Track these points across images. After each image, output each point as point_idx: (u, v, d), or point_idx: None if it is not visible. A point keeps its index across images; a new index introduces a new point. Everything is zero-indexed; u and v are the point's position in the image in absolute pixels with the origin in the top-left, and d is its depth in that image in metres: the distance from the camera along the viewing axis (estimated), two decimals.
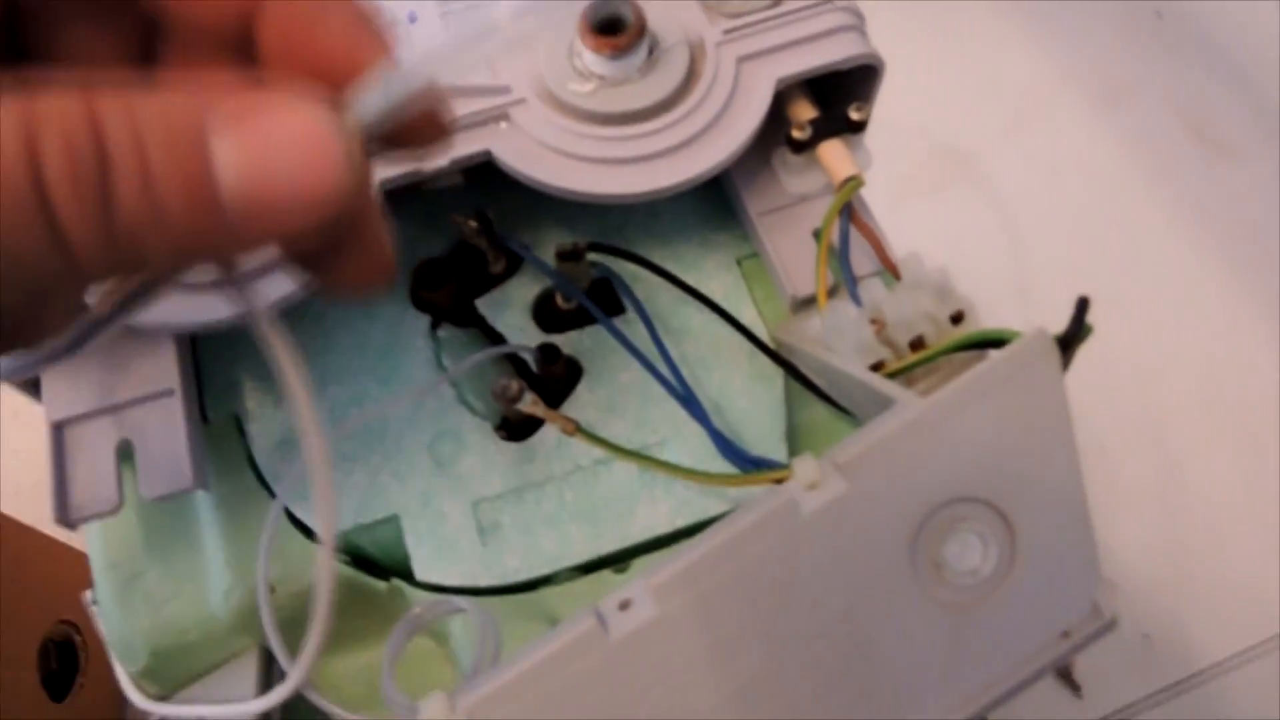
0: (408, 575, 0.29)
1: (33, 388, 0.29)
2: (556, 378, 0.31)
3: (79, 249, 0.13)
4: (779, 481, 0.24)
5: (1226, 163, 0.88)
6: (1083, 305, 0.22)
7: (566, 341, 0.32)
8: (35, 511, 0.65)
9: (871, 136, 0.32)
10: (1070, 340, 0.22)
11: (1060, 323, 0.22)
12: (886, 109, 0.33)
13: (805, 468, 0.22)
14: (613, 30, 0.29)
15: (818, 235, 0.32)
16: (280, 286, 0.27)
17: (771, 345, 0.31)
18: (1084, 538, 0.23)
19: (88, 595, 0.53)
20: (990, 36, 0.94)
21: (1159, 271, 0.84)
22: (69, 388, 0.28)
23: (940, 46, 0.92)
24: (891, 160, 0.29)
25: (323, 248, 0.16)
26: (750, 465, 0.25)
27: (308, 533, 0.30)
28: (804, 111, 0.31)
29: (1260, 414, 0.78)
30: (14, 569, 0.59)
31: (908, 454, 0.22)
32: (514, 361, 0.33)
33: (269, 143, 0.14)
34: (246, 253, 0.15)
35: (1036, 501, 0.22)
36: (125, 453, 0.28)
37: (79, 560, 0.65)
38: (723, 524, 0.22)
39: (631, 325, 0.31)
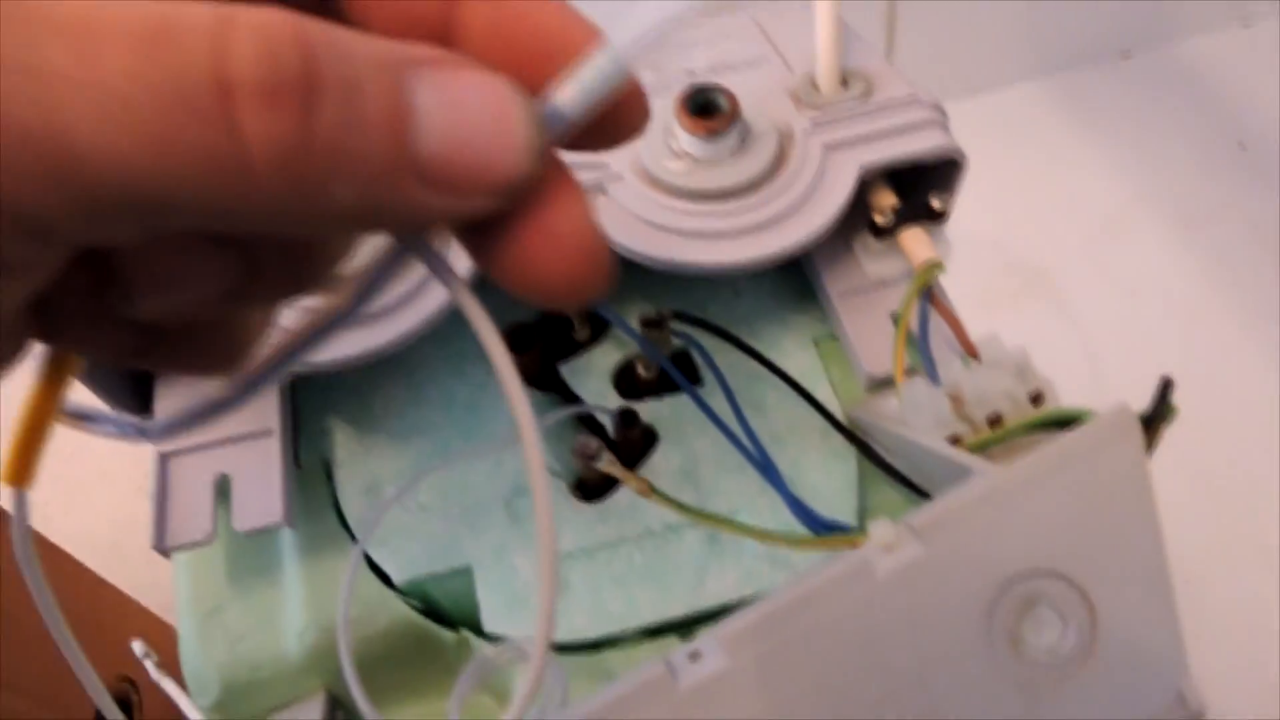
0: (476, 627, 0.30)
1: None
2: (633, 443, 0.32)
3: (260, 159, 0.12)
4: (854, 545, 0.24)
5: None
6: (1166, 386, 0.22)
7: (644, 409, 0.33)
8: (108, 564, 0.67)
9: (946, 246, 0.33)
10: (1153, 420, 0.22)
11: (1158, 448, 0.22)
12: (962, 221, 0.34)
13: (881, 530, 0.22)
14: (708, 113, 0.30)
15: (895, 319, 0.32)
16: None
17: (846, 425, 0.32)
18: (1169, 623, 0.22)
19: (138, 646, 0.53)
20: (1070, 156, 0.95)
21: (1241, 397, 0.82)
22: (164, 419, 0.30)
23: (1018, 163, 0.93)
24: (966, 273, 0.29)
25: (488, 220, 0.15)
26: (824, 529, 0.25)
27: (384, 578, 0.30)
28: (885, 199, 0.32)
29: None
30: (86, 620, 0.60)
31: (986, 522, 0.22)
32: (592, 425, 0.34)
33: (465, 106, 0.13)
34: (416, 218, 0.14)
35: (1118, 582, 0.22)
36: (221, 487, 0.30)
37: (141, 613, 0.66)
38: (796, 581, 0.22)
39: (709, 397, 0.32)
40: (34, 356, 0.16)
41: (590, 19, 0.15)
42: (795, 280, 0.35)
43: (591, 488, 0.31)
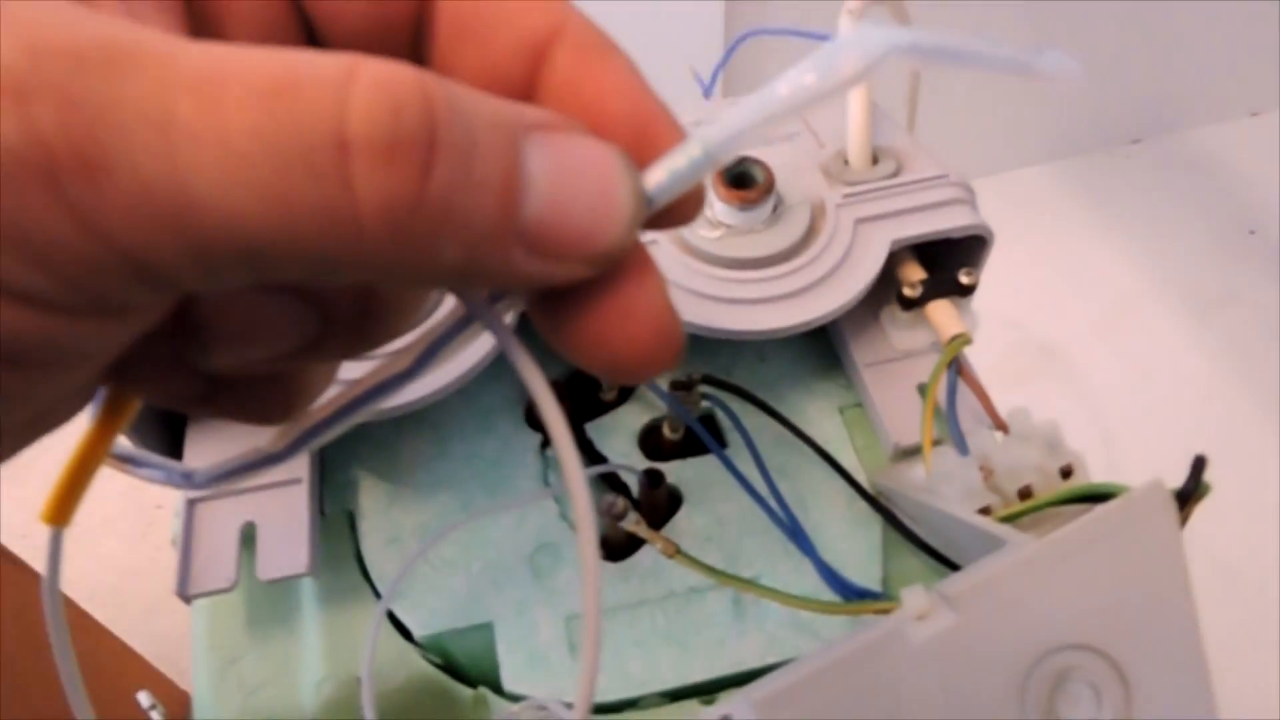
0: (495, 685, 0.29)
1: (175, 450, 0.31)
2: (658, 504, 0.32)
3: (372, 226, 0.12)
4: (885, 612, 0.24)
5: None
6: (1200, 463, 0.22)
7: (669, 471, 0.33)
8: (107, 613, 0.67)
9: None
10: (1187, 496, 0.22)
11: None
12: (976, 299, 0.34)
13: (915, 598, 0.22)
14: (743, 184, 0.31)
15: (921, 390, 0.33)
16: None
17: (871, 492, 0.32)
18: (1204, 700, 0.22)
19: (144, 697, 0.52)
20: (1082, 238, 0.97)
21: (1254, 480, 0.81)
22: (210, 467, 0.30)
23: (1032, 244, 0.95)
24: (980, 350, 0.30)
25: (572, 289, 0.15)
26: (854, 595, 0.25)
27: (404, 632, 0.30)
28: (914, 273, 0.32)
29: None
30: (86, 666, 0.60)
31: (1020, 593, 0.22)
32: (616, 485, 0.34)
33: (574, 172, 0.13)
34: (511, 280, 0.14)
35: (1153, 657, 0.22)
36: (246, 534, 0.30)
37: (140, 664, 0.65)
38: (828, 647, 0.22)
39: (735, 460, 0.32)
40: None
41: (666, 104, 0.15)
42: (820, 348, 0.36)
43: (615, 547, 0.31)
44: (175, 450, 0.31)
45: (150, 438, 0.31)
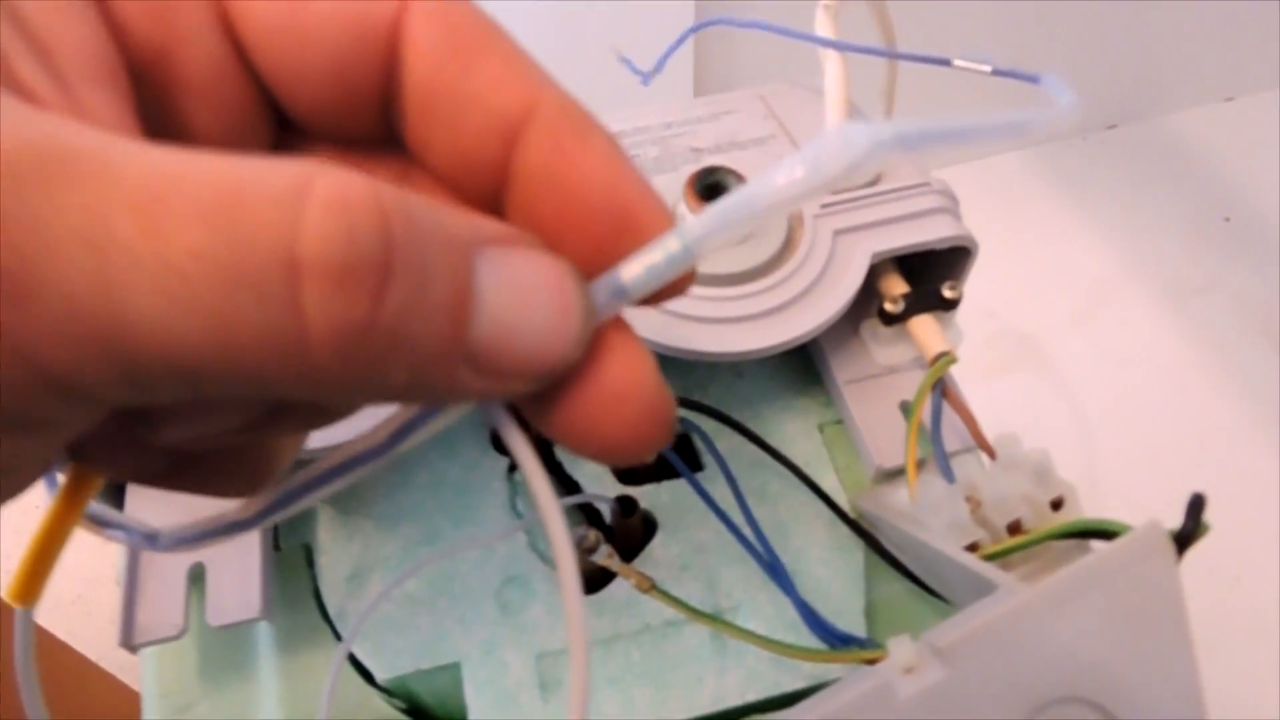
0: None
1: (116, 499, 0.29)
2: (631, 532, 0.31)
3: (319, 352, 0.11)
4: (870, 661, 0.22)
5: None
6: (1198, 504, 0.21)
7: (643, 495, 0.31)
8: (69, 626, 0.65)
9: None
10: (1187, 538, 0.21)
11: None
12: None
13: (902, 650, 0.21)
14: (716, 196, 0.30)
15: (904, 407, 0.32)
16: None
17: (852, 515, 0.31)
18: None
19: None
20: (1057, 226, 0.96)
21: (1230, 468, 0.81)
22: (152, 508, 0.28)
23: (1006, 233, 0.94)
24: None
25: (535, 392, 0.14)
26: (836, 640, 0.24)
27: (366, 675, 0.29)
28: (896, 286, 0.31)
29: None
30: (47, 686, 0.58)
31: (1012, 644, 0.20)
32: (588, 513, 0.32)
33: (524, 290, 0.13)
34: (454, 397, 0.13)
35: (1151, 710, 0.21)
36: (194, 575, 0.28)
37: (110, 684, 0.63)
38: (811, 703, 0.20)
39: (710, 484, 0.31)
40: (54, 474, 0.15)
41: (648, 186, 0.14)
42: (799, 363, 0.35)
43: (587, 580, 0.30)
44: (118, 496, 0.29)
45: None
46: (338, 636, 0.29)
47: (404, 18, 0.15)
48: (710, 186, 0.30)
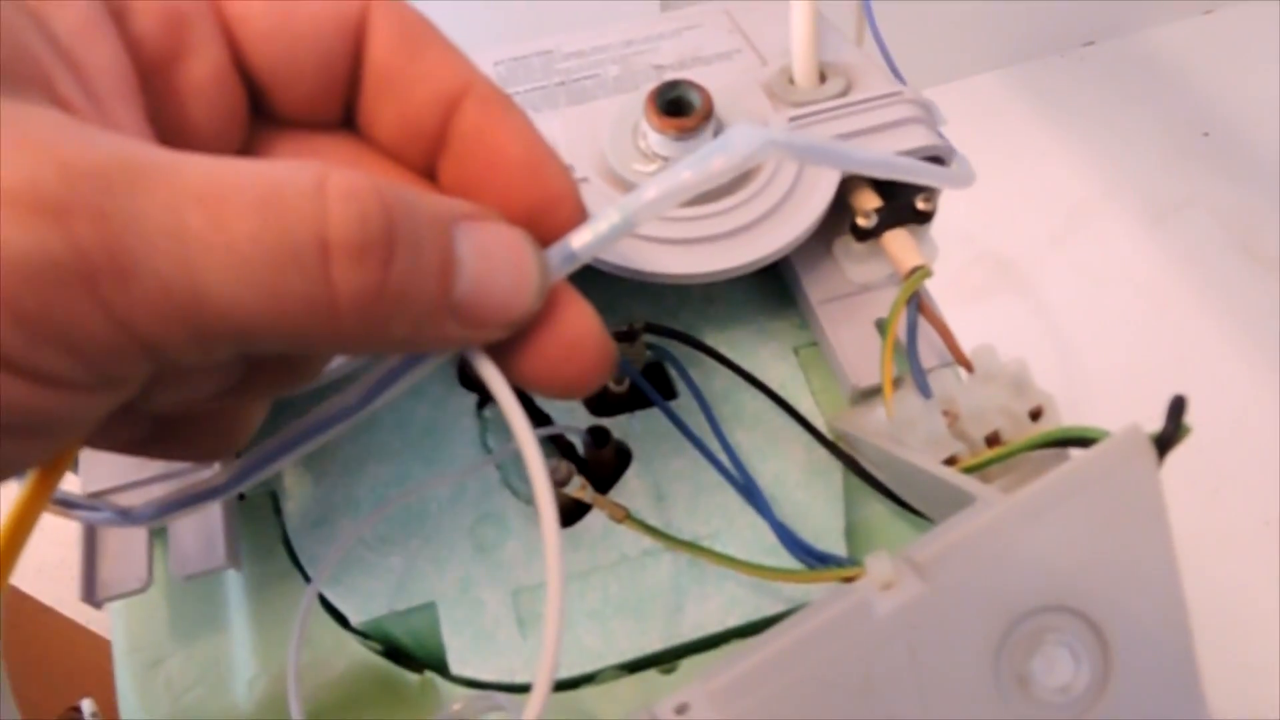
0: (442, 668, 0.27)
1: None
2: (605, 463, 0.30)
3: (345, 312, 0.14)
4: (848, 580, 0.22)
5: (1275, 277, 0.87)
6: (1179, 405, 0.21)
7: (615, 426, 0.31)
8: (56, 592, 0.64)
9: None
10: (1167, 441, 0.20)
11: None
12: None
13: (879, 566, 0.20)
14: (679, 112, 0.28)
15: (879, 325, 0.31)
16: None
17: (829, 437, 0.30)
18: (1186, 659, 0.21)
19: (87, 705, 0.51)
20: (1035, 146, 0.95)
21: (1210, 384, 0.82)
22: (107, 458, 0.27)
23: (984, 154, 0.92)
24: (935, 265, 0.28)
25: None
26: (815, 560, 0.23)
27: (341, 619, 0.28)
28: (868, 201, 0.30)
29: None
30: (32, 652, 0.57)
31: (991, 555, 0.20)
32: (561, 445, 0.32)
33: (493, 253, 0.16)
34: (444, 346, 0.16)
35: (1133, 615, 0.20)
36: (157, 529, 0.27)
37: (97, 644, 0.63)
38: (786, 625, 0.20)
39: (684, 411, 0.30)
40: None
41: (554, 151, 0.18)
42: (771, 285, 0.34)
43: (562, 513, 0.29)
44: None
45: None
46: (308, 581, 0.28)
47: (367, 15, 0.18)
48: (672, 102, 0.29)
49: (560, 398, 0.19)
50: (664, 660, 0.28)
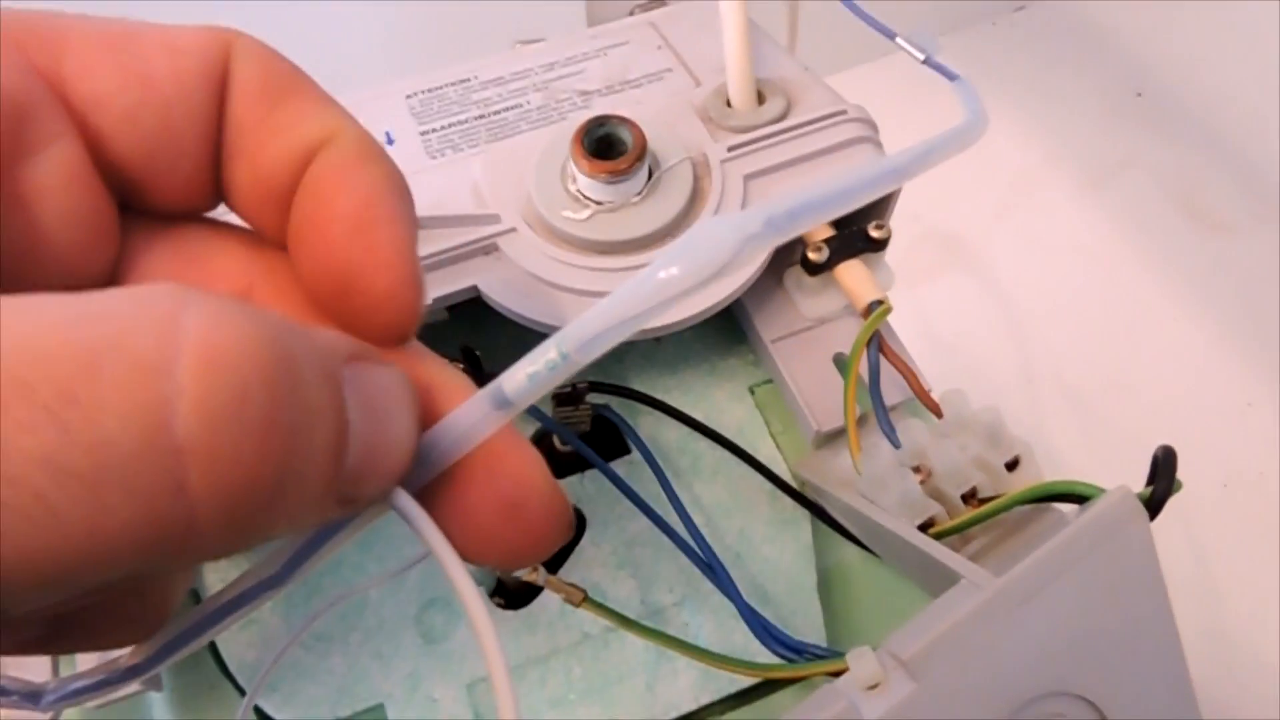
0: None
1: None
2: None
3: (207, 529, 0.10)
4: (830, 674, 0.20)
5: (1216, 235, 0.87)
6: (1170, 460, 0.19)
7: (567, 488, 0.29)
8: None
9: None
10: (1160, 501, 0.19)
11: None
12: None
13: (864, 664, 0.18)
14: (609, 152, 0.26)
15: (838, 361, 0.29)
16: None
17: (794, 484, 0.28)
18: None
19: None
20: None
21: (1161, 347, 0.82)
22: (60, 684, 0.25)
23: (923, 129, 0.91)
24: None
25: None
26: (791, 653, 0.22)
27: None
28: (818, 231, 0.28)
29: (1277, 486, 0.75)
30: None
31: (984, 645, 0.18)
32: None
33: (378, 411, 0.13)
34: (314, 525, 0.13)
35: (1135, 693, 0.19)
36: None
37: None
38: None
39: (639, 466, 0.28)
40: None
41: (403, 217, 0.15)
42: (721, 321, 0.32)
43: (514, 593, 0.27)
44: None
45: None
46: (241, 692, 0.26)
47: (229, 64, 0.15)
48: (600, 140, 0.27)
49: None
50: None
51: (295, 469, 0.11)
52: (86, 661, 0.23)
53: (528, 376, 0.14)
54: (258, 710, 0.26)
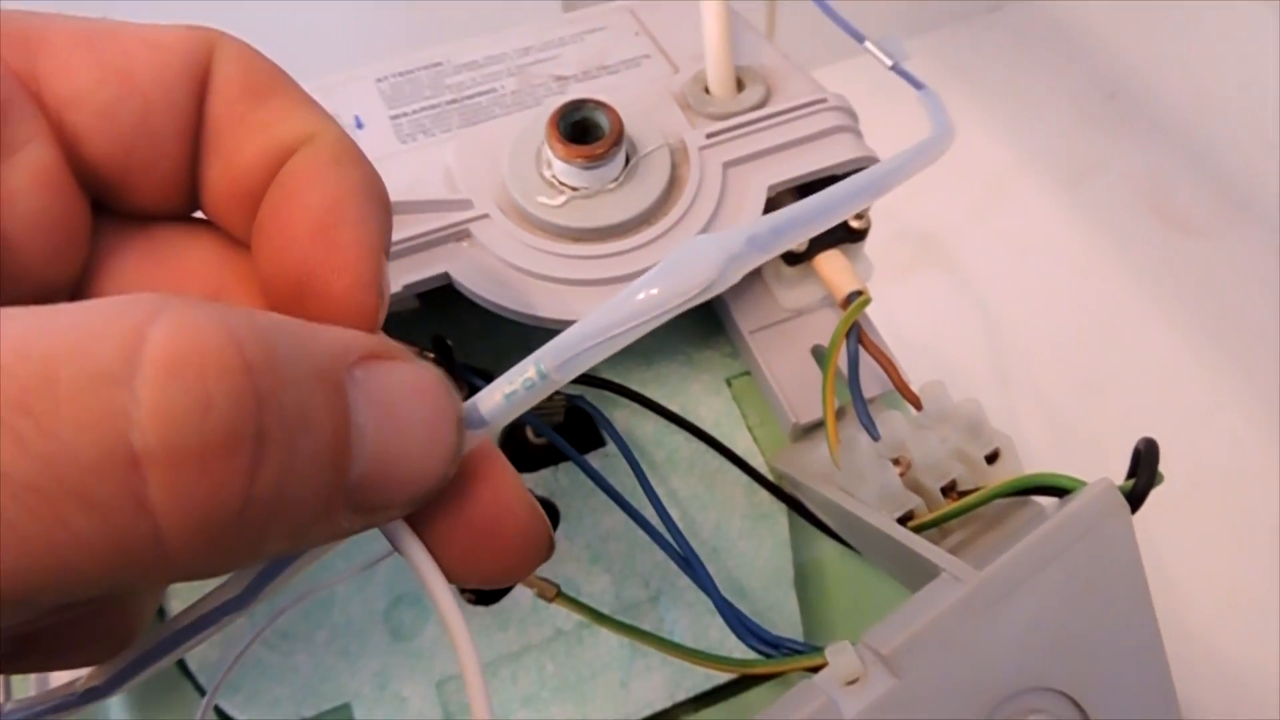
0: None
1: None
2: None
3: (174, 535, 0.10)
4: (809, 669, 0.20)
5: (1187, 238, 0.88)
6: (1152, 452, 0.19)
7: (540, 481, 0.28)
8: None
9: None
10: (1141, 495, 0.19)
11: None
12: None
13: (843, 659, 0.18)
14: (585, 137, 0.26)
15: (816, 353, 0.29)
16: None
17: (771, 477, 0.28)
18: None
19: None
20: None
21: (1132, 348, 0.82)
22: (18, 706, 0.24)
23: (899, 128, 0.92)
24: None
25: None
26: (768, 648, 0.21)
27: None
28: None
29: (1247, 489, 0.76)
30: None
31: (964, 640, 0.18)
32: None
33: (400, 418, 0.12)
34: (330, 540, 0.12)
35: (1116, 688, 0.19)
36: None
37: None
38: None
39: (615, 460, 0.27)
40: None
41: (371, 221, 0.15)
42: (698, 312, 0.31)
43: (485, 590, 0.26)
44: None
45: None
46: (201, 692, 0.25)
47: (211, 63, 0.15)
48: (576, 125, 0.26)
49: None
50: None
51: (276, 480, 0.10)
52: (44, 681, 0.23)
53: (504, 396, 0.13)
54: (218, 710, 0.25)
